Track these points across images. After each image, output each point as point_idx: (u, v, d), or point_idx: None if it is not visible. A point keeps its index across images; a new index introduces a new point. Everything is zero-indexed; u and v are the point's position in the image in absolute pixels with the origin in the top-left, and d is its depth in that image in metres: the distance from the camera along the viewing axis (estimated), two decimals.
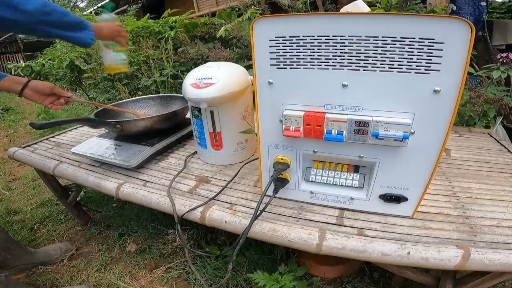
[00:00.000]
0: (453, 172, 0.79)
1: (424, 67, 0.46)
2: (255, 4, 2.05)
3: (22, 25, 0.69)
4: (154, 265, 1.06)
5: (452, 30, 0.42)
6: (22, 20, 0.68)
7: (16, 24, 0.68)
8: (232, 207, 0.69)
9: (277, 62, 0.54)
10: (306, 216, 0.64)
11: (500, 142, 0.98)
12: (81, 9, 10.28)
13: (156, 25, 2.30)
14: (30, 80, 0.86)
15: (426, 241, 0.55)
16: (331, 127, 0.53)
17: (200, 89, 0.76)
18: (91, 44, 0.83)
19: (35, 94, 0.84)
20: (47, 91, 0.85)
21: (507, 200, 0.66)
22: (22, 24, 0.69)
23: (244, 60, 1.83)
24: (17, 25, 0.69)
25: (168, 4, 5.20)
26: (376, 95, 0.50)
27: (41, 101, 0.86)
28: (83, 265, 1.08)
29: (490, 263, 0.49)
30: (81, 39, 0.80)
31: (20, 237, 1.26)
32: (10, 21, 0.67)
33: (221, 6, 4.11)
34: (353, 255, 0.54)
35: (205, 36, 2.26)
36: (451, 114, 0.48)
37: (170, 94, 1.26)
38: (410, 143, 0.52)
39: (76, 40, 0.80)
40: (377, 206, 0.62)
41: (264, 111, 0.60)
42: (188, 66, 1.96)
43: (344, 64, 0.50)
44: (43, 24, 0.72)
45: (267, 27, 0.52)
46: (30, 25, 0.70)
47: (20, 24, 0.69)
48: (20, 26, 0.70)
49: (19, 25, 0.69)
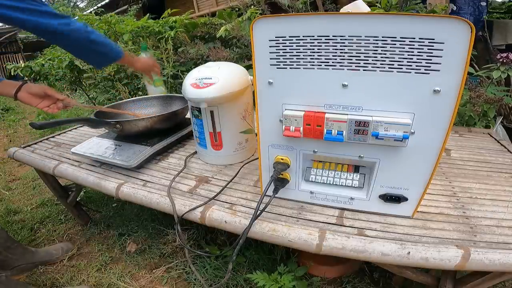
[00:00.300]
0: (453, 172, 0.79)
1: (424, 67, 0.46)
2: (255, 4, 2.05)
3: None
4: (154, 265, 1.06)
5: (452, 30, 0.42)
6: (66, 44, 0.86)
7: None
8: (232, 207, 0.69)
9: (277, 62, 0.53)
10: (306, 216, 0.64)
11: (500, 142, 0.98)
12: (81, 9, 10.28)
13: (156, 25, 2.30)
14: (25, 82, 0.86)
15: (426, 241, 0.55)
16: (331, 127, 0.53)
17: (200, 89, 0.76)
18: (121, 54, 0.96)
19: (29, 96, 0.84)
20: (42, 93, 0.85)
21: (507, 200, 0.66)
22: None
23: (244, 60, 1.83)
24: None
25: (168, 4, 5.20)
26: (376, 95, 0.50)
27: (36, 104, 0.86)
28: (83, 265, 1.08)
29: (490, 263, 0.49)
30: (113, 48, 0.93)
31: (20, 237, 1.26)
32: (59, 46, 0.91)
33: (221, 6, 4.11)
34: (353, 255, 0.54)
35: (205, 36, 2.26)
36: (451, 114, 0.48)
37: (170, 94, 1.26)
38: (410, 143, 0.52)
39: (108, 49, 0.91)
40: (377, 206, 0.62)
41: (264, 111, 0.60)
42: (188, 66, 1.96)
43: (344, 64, 0.50)
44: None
45: (267, 27, 0.52)
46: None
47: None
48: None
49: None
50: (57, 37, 0.80)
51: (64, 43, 0.85)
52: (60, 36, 0.80)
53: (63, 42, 0.84)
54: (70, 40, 0.82)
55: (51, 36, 0.80)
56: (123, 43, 2.21)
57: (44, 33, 0.79)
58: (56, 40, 0.83)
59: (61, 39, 0.82)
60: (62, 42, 0.84)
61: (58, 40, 0.82)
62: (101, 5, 5.85)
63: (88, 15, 2.68)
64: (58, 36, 0.79)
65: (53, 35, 0.79)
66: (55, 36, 0.79)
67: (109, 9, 4.32)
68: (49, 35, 0.79)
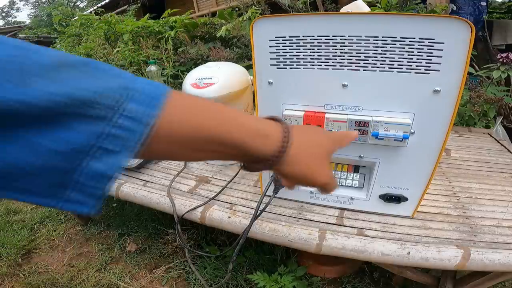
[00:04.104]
0: (453, 172, 0.79)
1: (424, 67, 0.46)
2: (255, 4, 2.05)
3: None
4: (154, 265, 1.06)
5: (452, 30, 0.42)
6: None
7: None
8: (232, 207, 0.69)
9: (277, 62, 0.53)
10: (306, 216, 0.64)
11: (500, 142, 0.98)
12: (81, 9, 10.29)
13: (156, 25, 2.29)
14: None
15: (426, 241, 0.55)
16: (331, 127, 0.53)
17: (200, 89, 0.76)
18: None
19: None
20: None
21: (507, 200, 0.66)
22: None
23: (244, 60, 1.83)
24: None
25: (168, 4, 5.20)
26: (376, 95, 0.50)
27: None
28: (83, 265, 1.08)
29: (490, 263, 0.49)
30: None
31: (20, 237, 1.25)
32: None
33: (221, 6, 4.11)
34: (353, 255, 0.54)
35: (205, 36, 2.26)
36: (451, 114, 0.48)
37: None
38: (410, 143, 0.52)
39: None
40: (377, 206, 0.62)
41: (264, 111, 0.60)
42: (188, 66, 1.96)
43: (344, 64, 0.50)
44: None
45: (267, 27, 0.52)
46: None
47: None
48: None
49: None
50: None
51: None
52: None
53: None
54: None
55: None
56: (123, 43, 2.21)
57: None
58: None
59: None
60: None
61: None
62: (101, 5, 5.85)
63: (88, 15, 2.68)
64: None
65: None
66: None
67: (109, 9, 4.33)
68: None
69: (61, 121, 0.17)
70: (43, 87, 0.16)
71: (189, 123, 0.21)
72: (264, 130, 0.27)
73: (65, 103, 0.16)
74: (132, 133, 0.18)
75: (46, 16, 13.98)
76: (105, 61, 2.10)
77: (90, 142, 0.17)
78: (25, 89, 0.15)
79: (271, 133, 0.27)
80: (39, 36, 9.89)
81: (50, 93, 0.16)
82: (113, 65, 1.84)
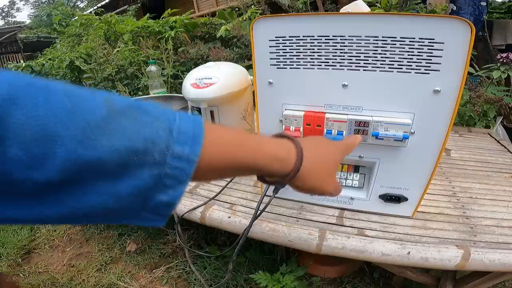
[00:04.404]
0: (453, 172, 0.79)
1: (424, 67, 0.46)
2: (255, 4, 2.04)
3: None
4: (154, 265, 1.06)
5: (452, 30, 0.42)
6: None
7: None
8: (232, 207, 0.69)
9: (277, 62, 0.53)
10: (306, 216, 0.64)
11: (500, 142, 0.98)
12: (81, 9, 10.29)
13: (156, 25, 2.29)
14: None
15: (426, 241, 0.55)
16: (331, 127, 0.53)
17: (200, 89, 0.76)
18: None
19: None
20: None
21: (507, 200, 0.66)
22: None
23: (244, 60, 1.83)
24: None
25: (168, 4, 5.20)
26: (376, 95, 0.50)
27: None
28: (83, 265, 1.08)
29: (490, 263, 0.49)
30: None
31: (20, 237, 1.26)
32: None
33: (221, 6, 4.11)
34: (353, 255, 0.54)
35: (205, 36, 2.26)
36: (451, 114, 0.48)
37: (170, 94, 1.26)
38: (410, 143, 0.52)
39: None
40: (377, 206, 0.62)
41: (264, 111, 0.60)
42: (188, 66, 1.96)
43: (344, 64, 0.50)
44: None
45: (267, 27, 0.52)
46: None
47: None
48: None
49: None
50: None
51: None
52: None
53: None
54: None
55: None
56: (123, 43, 2.21)
57: None
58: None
59: None
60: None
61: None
62: (101, 5, 5.85)
63: (88, 15, 2.68)
64: None
65: None
66: None
67: (109, 9, 4.33)
68: None
69: (127, 170, 0.20)
70: (107, 142, 0.19)
71: (223, 156, 0.25)
72: (281, 155, 0.31)
73: (128, 155, 0.20)
74: (183, 171, 0.22)
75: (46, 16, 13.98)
76: (105, 61, 2.10)
77: (154, 183, 0.21)
78: (93, 147, 0.18)
79: (287, 157, 0.32)
80: (39, 36, 9.88)
81: (115, 148, 0.19)
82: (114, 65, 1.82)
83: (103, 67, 2.12)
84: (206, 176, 0.26)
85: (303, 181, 0.34)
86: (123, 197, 0.21)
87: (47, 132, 0.17)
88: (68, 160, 0.18)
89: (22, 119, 0.16)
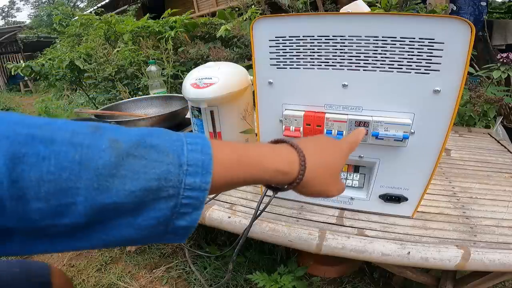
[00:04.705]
0: (453, 172, 0.79)
1: (424, 67, 0.46)
2: (255, 4, 2.04)
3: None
4: (154, 265, 1.06)
5: (452, 30, 0.42)
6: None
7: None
8: (232, 207, 0.69)
9: (277, 62, 0.53)
10: (306, 216, 0.64)
11: (500, 142, 0.98)
12: (81, 9, 10.29)
13: (156, 25, 2.29)
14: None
15: (426, 241, 0.55)
16: (331, 127, 0.53)
17: (200, 89, 0.76)
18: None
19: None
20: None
21: (507, 200, 0.66)
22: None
23: (244, 60, 1.83)
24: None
25: (168, 4, 5.20)
26: (376, 95, 0.50)
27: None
28: (83, 265, 1.08)
29: (490, 263, 0.49)
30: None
31: None
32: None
33: (221, 6, 4.11)
34: (353, 255, 0.54)
35: (205, 36, 2.26)
36: (451, 114, 0.48)
37: (170, 94, 1.26)
38: (410, 143, 0.52)
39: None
40: (377, 206, 0.62)
41: (264, 111, 0.60)
42: (188, 66, 1.96)
43: (344, 64, 0.50)
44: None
45: (267, 27, 0.52)
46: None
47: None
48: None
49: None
50: None
51: None
52: None
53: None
54: None
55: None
56: (123, 43, 2.21)
57: None
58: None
59: None
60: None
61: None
62: (101, 5, 5.85)
63: (88, 15, 2.68)
64: None
65: None
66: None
67: (109, 9, 4.33)
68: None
69: (144, 206, 0.22)
70: (121, 185, 0.20)
71: (228, 176, 0.27)
72: (284, 168, 0.31)
73: (143, 194, 0.21)
74: (197, 199, 0.24)
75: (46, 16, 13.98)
76: (105, 61, 2.10)
77: (171, 213, 0.23)
78: (109, 191, 0.20)
79: (290, 169, 0.32)
80: (39, 36, 9.88)
81: (130, 191, 0.21)
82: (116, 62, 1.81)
83: (103, 67, 2.13)
84: (212, 193, 0.28)
85: (307, 187, 0.34)
86: (145, 228, 0.23)
87: (63, 185, 0.19)
88: (89, 206, 0.19)
89: (36, 177, 0.18)
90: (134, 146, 0.22)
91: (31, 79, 6.47)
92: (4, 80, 8.62)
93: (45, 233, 0.19)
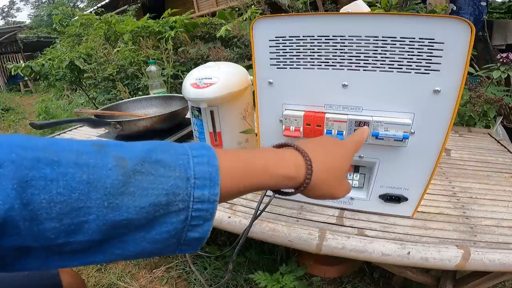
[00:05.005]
0: (453, 172, 0.79)
1: (424, 67, 0.46)
2: (255, 4, 2.04)
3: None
4: (154, 265, 1.06)
5: (452, 30, 0.42)
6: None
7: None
8: (232, 207, 0.69)
9: (277, 62, 0.53)
10: (306, 216, 0.64)
11: (500, 142, 0.98)
12: (81, 9, 10.29)
13: (156, 25, 2.30)
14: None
15: (426, 241, 0.55)
16: (331, 127, 0.53)
17: (200, 89, 0.76)
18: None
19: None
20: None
21: (507, 200, 0.66)
22: None
23: (244, 60, 1.83)
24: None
25: (168, 4, 5.20)
26: (376, 95, 0.50)
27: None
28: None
29: (490, 263, 0.49)
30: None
31: None
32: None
33: (221, 6, 4.11)
34: (353, 255, 0.54)
35: (205, 36, 2.26)
36: (451, 114, 0.48)
37: (170, 94, 1.26)
38: (410, 143, 0.52)
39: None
40: (377, 206, 0.62)
41: (264, 111, 0.60)
42: (188, 66, 1.96)
43: (344, 64, 0.50)
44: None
45: (267, 27, 0.52)
46: None
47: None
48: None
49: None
50: None
51: None
52: None
53: None
54: None
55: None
56: (123, 43, 2.21)
57: None
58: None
59: None
60: None
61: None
62: (101, 5, 5.85)
63: (88, 15, 2.68)
64: None
65: None
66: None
67: (109, 9, 4.33)
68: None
69: (156, 221, 0.22)
70: (131, 202, 0.21)
71: (238, 185, 0.28)
72: (290, 173, 0.31)
73: (153, 210, 0.22)
74: (207, 211, 0.24)
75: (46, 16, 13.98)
76: (105, 61, 2.10)
77: (183, 226, 0.23)
78: (120, 208, 0.21)
79: (296, 175, 0.32)
80: (39, 36, 9.88)
81: (140, 207, 0.21)
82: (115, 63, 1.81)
83: (103, 67, 2.13)
84: (220, 202, 0.28)
85: (314, 190, 0.34)
86: (159, 241, 0.23)
87: (74, 205, 0.19)
88: (102, 223, 0.20)
89: (46, 199, 0.18)
90: (140, 162, 0.22)
91: (31, 79, 6.47)
92: (4, 80, 8.62)
93: (61, 250, 0.20)
